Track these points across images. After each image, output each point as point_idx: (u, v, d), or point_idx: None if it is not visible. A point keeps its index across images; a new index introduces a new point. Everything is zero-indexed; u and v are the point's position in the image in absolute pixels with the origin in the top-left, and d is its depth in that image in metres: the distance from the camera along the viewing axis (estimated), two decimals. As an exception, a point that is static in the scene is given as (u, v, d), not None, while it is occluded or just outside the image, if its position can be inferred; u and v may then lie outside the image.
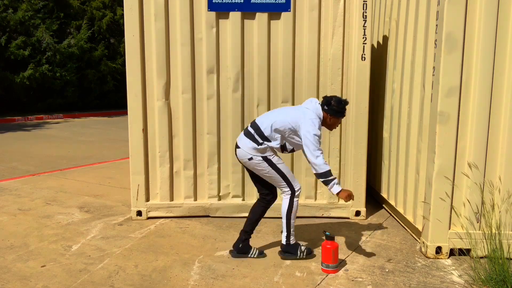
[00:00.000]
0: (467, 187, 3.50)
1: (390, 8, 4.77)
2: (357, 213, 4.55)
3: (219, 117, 4.44)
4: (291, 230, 3.46)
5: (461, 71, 3.38)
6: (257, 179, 3.52)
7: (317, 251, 3.68)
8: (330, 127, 3.44)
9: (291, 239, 3.49)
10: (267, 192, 3.51)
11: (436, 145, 3.45)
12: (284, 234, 3.48)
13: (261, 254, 3.57)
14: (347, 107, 3.41)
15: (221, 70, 4.38)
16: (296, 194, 3.41)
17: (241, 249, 3.52)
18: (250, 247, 3.56)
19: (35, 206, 4.91)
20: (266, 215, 4.48)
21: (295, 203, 3.41)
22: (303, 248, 3.51)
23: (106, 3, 19.30)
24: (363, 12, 4.23)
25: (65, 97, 17.57)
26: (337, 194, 3.18)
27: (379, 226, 4.37)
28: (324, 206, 4.55)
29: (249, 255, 3.53)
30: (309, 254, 3.52)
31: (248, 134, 3.38)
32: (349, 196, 3.16)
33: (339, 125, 3.42)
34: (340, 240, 3.95)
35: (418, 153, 3.94)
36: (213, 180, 4.50)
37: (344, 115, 3.39)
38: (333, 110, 3.32)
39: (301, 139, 3.30)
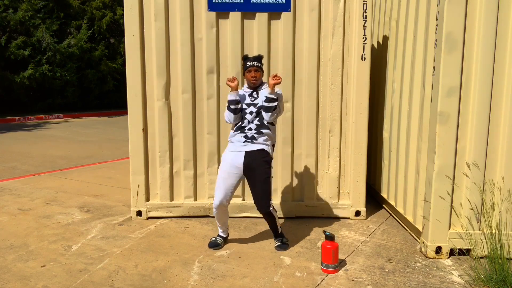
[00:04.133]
0: (467, 187, 3.50)
1: (390, 8, 4.77)
2: (357, 213, 4.55)
3: (219, 117, 4.44)
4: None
5: (461, 71, 3.38)
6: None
7: (317, 251, 3.68)
8: (250, 81, 3.60)
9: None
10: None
11: (436, 145, 3.45)
12: None
13: (282, 246, 3.72)
14: (253, 61, 3.57)
15: (221, 70, 4.38)
16: (213, 204, 3.60)
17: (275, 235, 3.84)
18: (278, 237, 3.82)
19: (35, 206, 4.91)
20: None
21: (213, 209, 3.63)
22: (214, 239, 3.78)
23: (106, 3, 19.32)
24: (363, 12, 4.23)
25: (65, 97, 17.59)
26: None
27: (379, 226, 4.37)
28: (324, 206, 4.55)
29: (276, 242, 3.78)
30: (211, 244, 3.74)
31: None
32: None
33: (256, 78, 3.57)
34: (340, 240, 3.95)
35: (418, 153, 3.94)
36: (213, 180, 4.50)
37: (247, 66, 3.57)
38: (243, 67, 3.64)
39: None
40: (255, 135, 3.53)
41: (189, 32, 4.29)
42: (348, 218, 4.56)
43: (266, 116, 3.52)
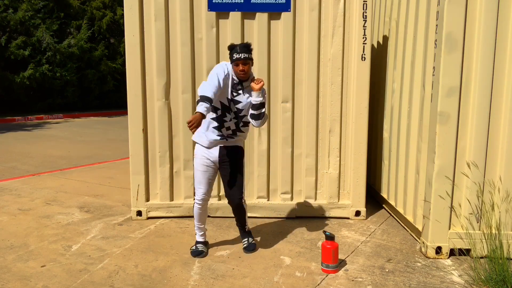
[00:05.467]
0: (467, 187, 3.50)
1: (390, 8, 4.77)
2: (357, 213, 4.55)
3: (219, 117, 4.44)
4: (195, 226, 3.62)
5: (461, 71, 3.38)
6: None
7: (317, 251, 3.68)
8: (238, 75, 3.27)
9: (195, 232, 3.69)
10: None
11: (436, 145, 3.45)
12: None
13: (250, 247, 3.66)
14: (240, 53, 3.20)
15: (221, 70, 4.37)
16: (195, 200, 3.48)
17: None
18: (244, 237, 3.76)
19: (35, 206, 4.91)
20: (266, 215, 4.50)
21: (194, 206, 3.52)
22: (194, 247, 3.61)
23: (106, 3, 19.30)
24: (363, 12, 4.23)
25: (65, 97, 17.57)
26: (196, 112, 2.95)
27: (379, 226, 4.37)
28: (324, 206, 4.55)
29: (244, 243, 3.74)
30: (194, 253, 3.57)
31: None
32: (192, 121, 2.87)
33: (245, 71, 3.23)
34: (340, 240, 3.95)
35: (418, 153, 3.94)
36: (213, 180, 4.50)
37: (234, 59, 3.22)
38: (230, 59, 3.29)
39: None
40: (232, 135, 3.41)
41: (189, 32, 4.29)
42: (348, 218, 4.56)
43: (256, 123, 3.30)
